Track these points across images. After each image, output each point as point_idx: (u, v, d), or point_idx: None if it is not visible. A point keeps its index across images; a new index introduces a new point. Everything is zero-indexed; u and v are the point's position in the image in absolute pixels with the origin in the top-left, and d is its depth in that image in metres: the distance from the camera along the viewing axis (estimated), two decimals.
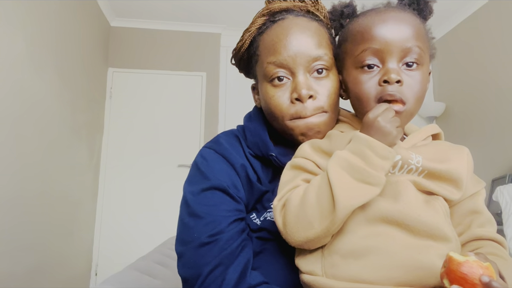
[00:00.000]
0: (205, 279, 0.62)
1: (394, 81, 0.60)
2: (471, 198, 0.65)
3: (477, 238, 0.63)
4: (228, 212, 0.68)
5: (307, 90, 0.67)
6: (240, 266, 0.63)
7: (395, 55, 0.61)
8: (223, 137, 0.77)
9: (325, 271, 0.59)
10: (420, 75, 0.63)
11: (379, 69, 0.63)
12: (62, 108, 2.62)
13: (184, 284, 0.68)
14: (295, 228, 0.58)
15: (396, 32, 0.62)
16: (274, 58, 0.69)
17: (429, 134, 0.68)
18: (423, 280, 0.54)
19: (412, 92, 0.62)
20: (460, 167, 0.63)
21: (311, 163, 0.64)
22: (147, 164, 3.45)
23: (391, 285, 0.54)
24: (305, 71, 0.68)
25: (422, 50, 0.62)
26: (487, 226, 0.64)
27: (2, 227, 1.95)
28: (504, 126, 2.93)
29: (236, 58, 0.81)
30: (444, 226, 0.58)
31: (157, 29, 3.70)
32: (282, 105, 0.69)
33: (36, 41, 2.29)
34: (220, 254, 0.63)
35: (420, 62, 0.63)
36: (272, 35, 0.71)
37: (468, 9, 3.37)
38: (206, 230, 0.65)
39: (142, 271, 1.06)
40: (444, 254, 0.56)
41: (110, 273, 2.78)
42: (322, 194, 0.56)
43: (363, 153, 0.56)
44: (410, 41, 0.61)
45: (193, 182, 0.72)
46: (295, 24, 0.70)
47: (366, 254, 0.57)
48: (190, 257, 0.65)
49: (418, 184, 0.61)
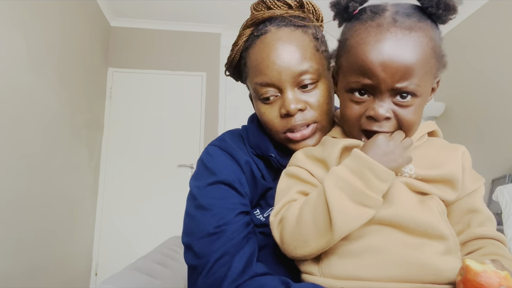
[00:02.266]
0: (212, 266, 0.64)
1: (382, 118, 0.58)
2: (469, 196, 0.64)
3: (477, 238, 0.62)
4: (234, 205, 0.69)
5: (295, 105, 0.67)
6: (246, 256, 0.65)
7: (388, 89, 0.57)
8: (228, 136, 0.80)
9: (322, 271, 0.59)
10: (415, 105, 0.59)
11: (368, 98, 0.59)
12: (62, 108, 2.62)
13: (191, 272, 0.69)
14: (292, 245, 0.59)
15: (394, 62, 0.55)
16: (261, 80, 0.69)
17: (425, 132, 0.67)
18: (420, 277, 0.54)
19: (402, 123, 0.59)
20: (454, 169, 0.62)
21: (305, 172, 0.65)
22: (147, 163, 3.45)
23: (388, 282, 0.55)
24: (292, 86, 0.68)
25: (423, 82, 0.57)
26: (487, 225, 0.63)
27: (2, 227, 1.95)
28: (504, 126, 2.93)
29: (230, 72, 0.83)
30: (439, 225, 0.58)
31: (157, 29, 3.70)
32: (274, 120, 0.71)
33: (36, 41, 2.29)
34: (226, 244, 0.65)
35: (418, 95, 0.58)
36: (256, 54, 0.70)
37: (468, 9, 3.37)
38: (213, 221, 0.67)
39: (142, 271, 1.06)
40: (441, 251, 0.56)
41: (110, 273, 2.78)
42: (318, 215, 0.56)
43: (363, 174, 0.55)
44: (411, 76, 0.55)
45: (199, 177, 0.74)
46: (277, 39, 0.69)
47: (362, 253, 0.57)
48: (196, 247, 0.67)
49: (411, 186, 0.60)
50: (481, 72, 3.21)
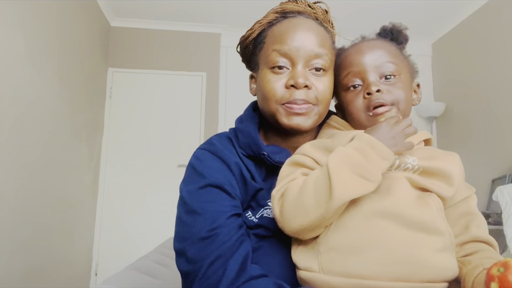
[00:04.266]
0: (206, 270, 0.63)
1: (375, 91, 0.70)
2: (465, 201, 0.70)
3: (476, 239, 0.66)
4: (225, 208, 0.69)
5: (304, 80, 0.71)
6: (241, 258, 0.64)
7: (373, 72, 0.72)
8: (216, 139, 0.80)
9: (322, 267, 0.60)
10: (399, 82, 0.73)
11: (361, 86, 0.73)
12: (62, 108, 2.62)
13: (185, 279, 0.68)
14: (291, 215, 0.61)
15: (369, 56, 0.73)
16: (280, 47, 0.73)
17: (422, 140, 0.74)
18: (417, 275, 0.56)
19: (391, 96, 0.71)
20: (452, 166, 0.68)
21: (310, 159, 0.67)
22: (147, 163, 3.45)
23: (386, 280, 0.56)
24: (304, 65, 0.73)
25: (397, 65, 0.74)
26: (482, 228, 0.67)
27: (2, 227, 1.95)
28: (504, 126, 2.93)
29: (242, 46, 0.84)
30: (435, 220, 0.61)
31: (157, 29, 3.70)
32: (277, 89, 0.73)
33: (36, 41, 2.29)
34: (220, 247, 0.64)
35: (396, 74, 0.74)
36: (282, 27, 0.76)
37: (467, 9, 3.37)
38: (205, 225, 0.67)
39: (142, 271, 1.06)
40: (437, 248, 0.59)
41: (110, 273, 2.78)
42: (320, 183, 0.60)
43: (364, 150, 0.60)
44: (383, 59, 0.73)
45: (189, 181, 0.74)
46: (303, 22, 0.76)
47: (362, 250, 0.58)
48: (190, 252, 0.66)
49: (413, 181, 0.65)
50: (481, 72, 3.21)
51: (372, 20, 3.52)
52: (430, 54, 3.95)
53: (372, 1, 3.25)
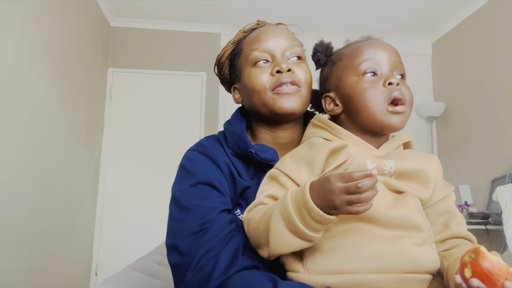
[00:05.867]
0: (198, 262, 0.65)
1: (396, 83, 0.70)
2: (443, 200, 0.72)
3: (456, 236, 0.68)
4: (216, 203, 0.72)
5: (286, 65, 0.78)
6: (232, 250, 0.67)
7: (392, 66, 0.72)
8: (205, 140, 0.85)
9: (307, 267, 0.63)
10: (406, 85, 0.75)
11: (377, 76, 0.72)
12: (62, 108, 2.62)
13: (176, 271, 0.70)
14: (253, 245, 0.69)
15: (389, 49, 0.74)
16: (258, 45, 0.81)
17: (401, 143, 0.76)
18: (398, 267, 0.60)
19: (407, 96, 0.71)
20: (429, 168, 0.70)
21: (285, 177, 0.69)
22: (147, 163, 3.45)
23: (369, 273, 0.59)
24: (283, 55, 0.81)
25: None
26: (462, 225, 0.70)
27: (2, 227, 1.95)
28: (504, 126, 2.92)
29: (219, 65, 0.92)
30: (413, 217, 0.64)
31: (157, 29, 3.70)
32: (264, 79, 0.79)
33: (36, 41, 2.29)
34: (211, 240, 0.67)
35: (404, 75, 0.76)
36: (256, 33, 0.85)
37: (467, 9, 3.37)
38: (196, 219, 0.69)
39: (142, 271, 1.06)
40: (417, 242, 0.62)
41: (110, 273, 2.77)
42: (264, 231, 0.63)
43: (301, 211, 0.59)
44: (399, 59, 0.74)
45: (180, 180, 0.78)
46: (273, 26, 0.87)
47: (343, 248, 0.62)
48: (181, 246, 0.68)
49: (389, 185, 0.68)
50: (481, 72, 3.21)
51: (372, 20, 3.52)
52: (430, 54, 3.95)
53: (372, 1, 3.25)
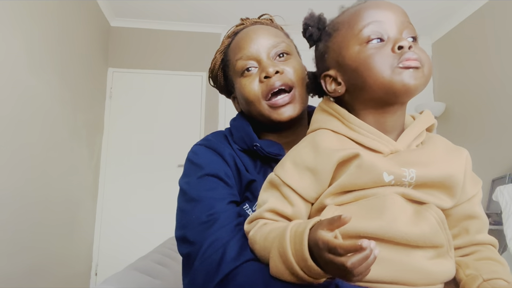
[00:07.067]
0: (206, 250, 0.64)
1: (407, 46, 0.58)
2: (469, 202, 0.64)
3: (474, 243, 0.64)
4: (223, 195, 0.72)
5: (273, 68, 0.76)
6: (240, 241, 0.65)
7: (400, 28, 0.61)
8: (212, 136, 0.85)
9: None
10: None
11: (383, 42, 0.60)
12: (62, 108, 2.62)
13: (186, 261, 0.70)
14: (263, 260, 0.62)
15: (395, 9, 0.63)
16: (241, 54, 0.80)
17: (424, 128, 0.65)
18: (412, 280, 0.55)
19: (423, 57, 0.60)
20: (457, 172, 0.61)
21: (287, 188, 0.63)
22: (147, 163, 3.45)
23: (382, 283, 0.54)
24: (268, 57, 0.78)
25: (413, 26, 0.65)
26: (484, 231, 0.64)
27: (2, 227, 1.95)
28: (504, 126, 2.93)
29: (213, 76, 0.90)
30: (433, 237, 0.57)
31: (157, 29, 3.70)
32: (255, 88, 0.77)
33: (36, 41, 2.29)
34: (219, 229, 0.66)
35: (416, 38, 0.63)
36: (236, 40, 0.83)
37: (468, 9, 3.37)
38: (204, 210, 0.69)
39: (142, 271, 1.06)
40: (430, 256, 0.57)
41: (110, 273, 2.77)
42: (267, 259, 0.58)
43: (301, 264, 0.52)
44: (407, 19, 0.63)
45: (187, 174, 0.78)
46: (252, 27, 0.83)
47: None
48: (190, 236, 0.68)
49: (407, 195, 0.59)
50: (481, 72, 3.21)
51: None
52: (430, 54, 3.95)
53: None
